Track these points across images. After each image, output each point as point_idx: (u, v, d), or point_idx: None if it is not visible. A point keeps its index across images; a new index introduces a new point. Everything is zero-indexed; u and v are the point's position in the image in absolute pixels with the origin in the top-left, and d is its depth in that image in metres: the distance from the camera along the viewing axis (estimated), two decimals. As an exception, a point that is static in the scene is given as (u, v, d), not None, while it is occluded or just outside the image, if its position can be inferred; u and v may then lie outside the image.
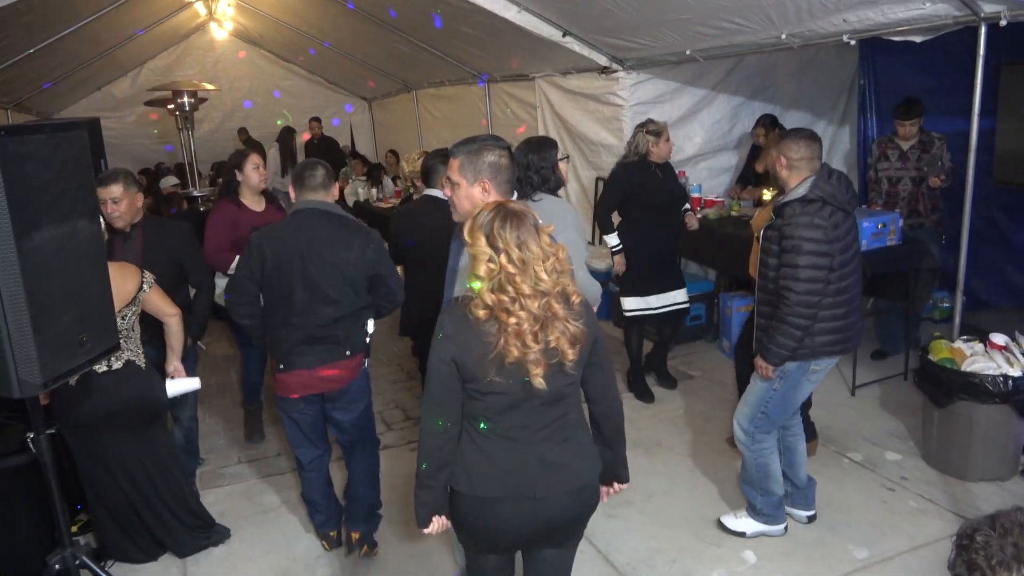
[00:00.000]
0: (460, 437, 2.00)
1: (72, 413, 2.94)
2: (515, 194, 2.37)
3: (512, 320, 1.83)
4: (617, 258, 4.56)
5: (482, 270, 1.85)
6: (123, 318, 2.91)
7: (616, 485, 2.25)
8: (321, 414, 3.14)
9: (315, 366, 2.97)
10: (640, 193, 4.47)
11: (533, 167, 3.17)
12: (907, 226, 4.78)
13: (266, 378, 4.33)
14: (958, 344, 3.73)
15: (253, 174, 3.99)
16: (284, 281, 2.92)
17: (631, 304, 4.61)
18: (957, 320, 3.99)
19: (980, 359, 3.57)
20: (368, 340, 3.14)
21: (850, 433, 4.15)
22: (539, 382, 1.87)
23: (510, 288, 1.84)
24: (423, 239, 3.53)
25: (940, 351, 3.70)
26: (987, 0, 3.38)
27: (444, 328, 1.93)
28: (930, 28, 3.66)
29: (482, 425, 1.98)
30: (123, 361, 2.98)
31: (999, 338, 3.62)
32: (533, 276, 1.84)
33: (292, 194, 3.07)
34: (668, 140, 4.51)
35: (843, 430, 4.19)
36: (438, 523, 2.05)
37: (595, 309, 3.14)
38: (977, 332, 3.82)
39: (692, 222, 4.84)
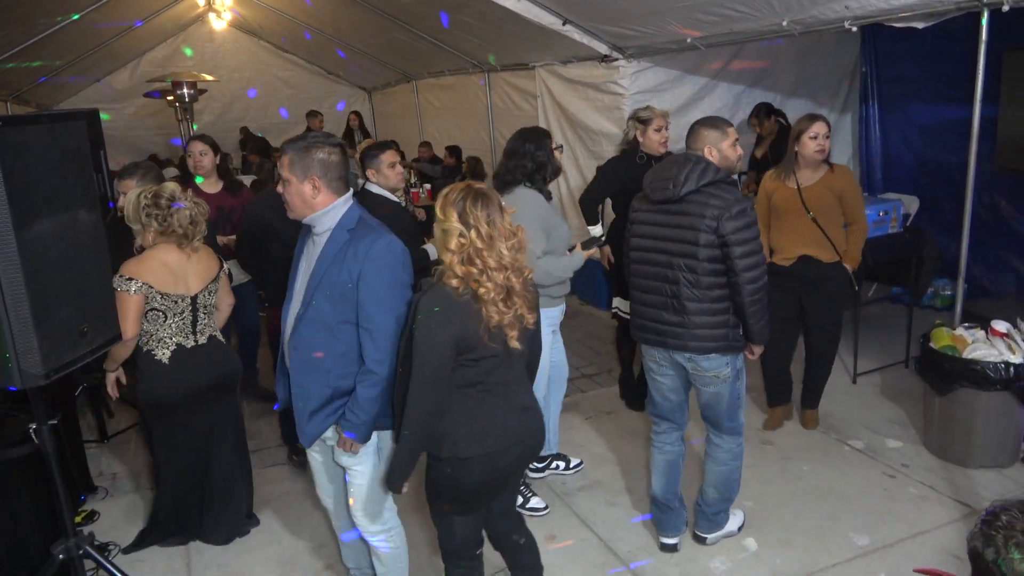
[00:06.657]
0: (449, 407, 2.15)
1: (165, 389, 3.01)
2: (350, 189, 2.39)
3: (482, 290, 2.04)
4: (604, 250, 4.30)
5: (453, 244, 2.05)
6: (209, 293, 3.10)
7: None
8: None
9: None
10: (627, 188, 3.91)
11: (529, 156, 3.25)
12: None
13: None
14: (959, 331, 3.73)
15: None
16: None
17: (621, 304, 4.19)
18: (958, 307, 3.97)
19: (981, 346, 3.57)
20: None
21: (851, 421, 4.16)
22: (515, 344, 2.13)
23: (478, 261, 2.04)
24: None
25: (941, 338, 3.70)
26: (990, -15, 3.36)
27: (439, 306, 2.05)
28: (932, 14, 3.63)
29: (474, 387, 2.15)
30: (207, 336, 3.12)
31: (1001, 325, 3.62)
32: (497, 251, 2.05)
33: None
34: (661, 130, 4.06)
35: (844, 418, 4.20)
36: (408, 484, 2.25)
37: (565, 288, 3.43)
38: (979, 319, 3.82)
39: None
